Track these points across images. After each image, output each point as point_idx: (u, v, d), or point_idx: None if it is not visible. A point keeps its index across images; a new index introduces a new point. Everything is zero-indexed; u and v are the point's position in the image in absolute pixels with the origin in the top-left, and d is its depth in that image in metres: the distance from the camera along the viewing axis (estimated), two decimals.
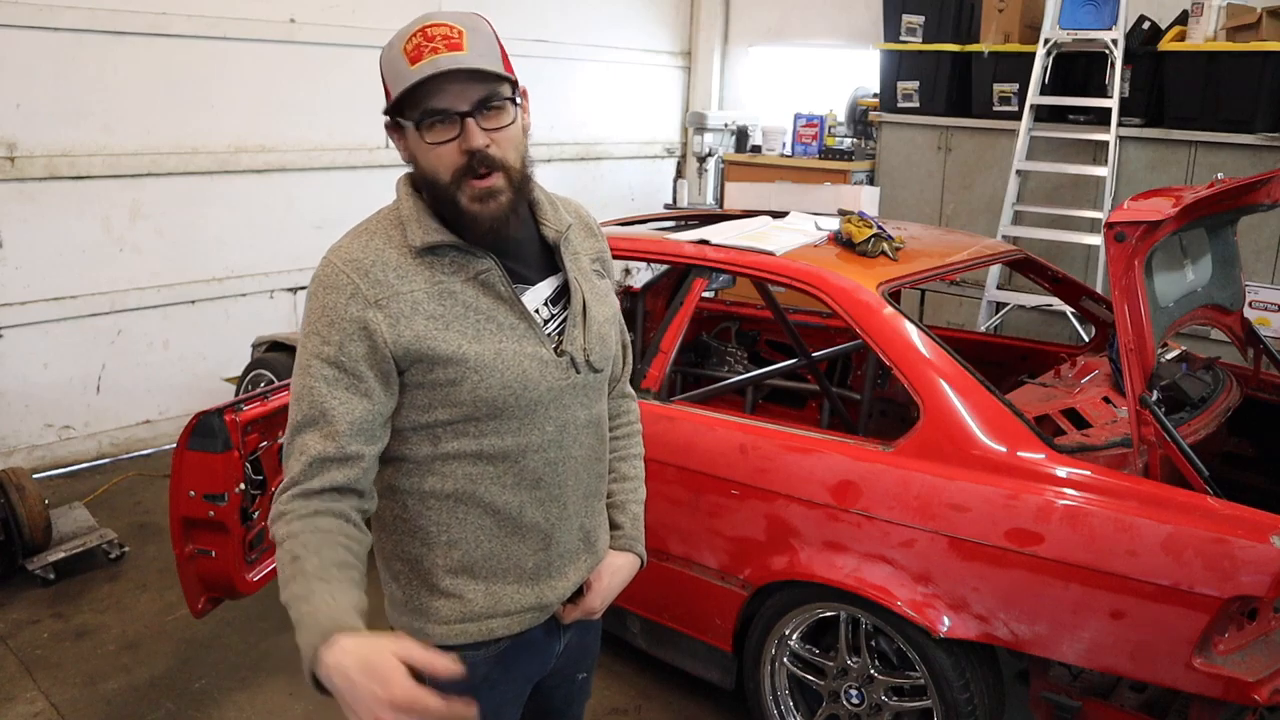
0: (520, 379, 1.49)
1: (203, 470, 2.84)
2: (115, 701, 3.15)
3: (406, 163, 1.52)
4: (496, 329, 1.49)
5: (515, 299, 1.51)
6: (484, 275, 1.50)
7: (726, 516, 2.73)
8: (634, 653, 3.22)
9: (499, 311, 1.50)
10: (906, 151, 6.07)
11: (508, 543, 1.57)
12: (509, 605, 1.58)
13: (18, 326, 4.65)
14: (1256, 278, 4.64)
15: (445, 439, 1.50)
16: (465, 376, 1.46)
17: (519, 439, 1.53)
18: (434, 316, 1.46)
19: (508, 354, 1.49)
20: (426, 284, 1.47)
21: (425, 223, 1.48)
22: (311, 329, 1.46)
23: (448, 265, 1.49)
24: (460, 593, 1.56)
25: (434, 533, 1.55)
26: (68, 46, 4.57)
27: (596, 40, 6.91)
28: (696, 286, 3.00)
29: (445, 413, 1.49)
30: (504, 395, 1.49)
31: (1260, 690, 2.07)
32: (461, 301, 1.48)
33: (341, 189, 5.65)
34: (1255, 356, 3.19)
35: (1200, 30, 4.80)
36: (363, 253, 1.47)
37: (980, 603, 2.34)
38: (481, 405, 1.48)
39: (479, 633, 1.58)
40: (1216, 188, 2.54)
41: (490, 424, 1.50)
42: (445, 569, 1.56)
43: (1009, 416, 2.41)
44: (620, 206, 7.15)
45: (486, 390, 1.47)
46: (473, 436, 1.50)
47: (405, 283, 1.46)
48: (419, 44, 1.42)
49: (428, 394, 1.48)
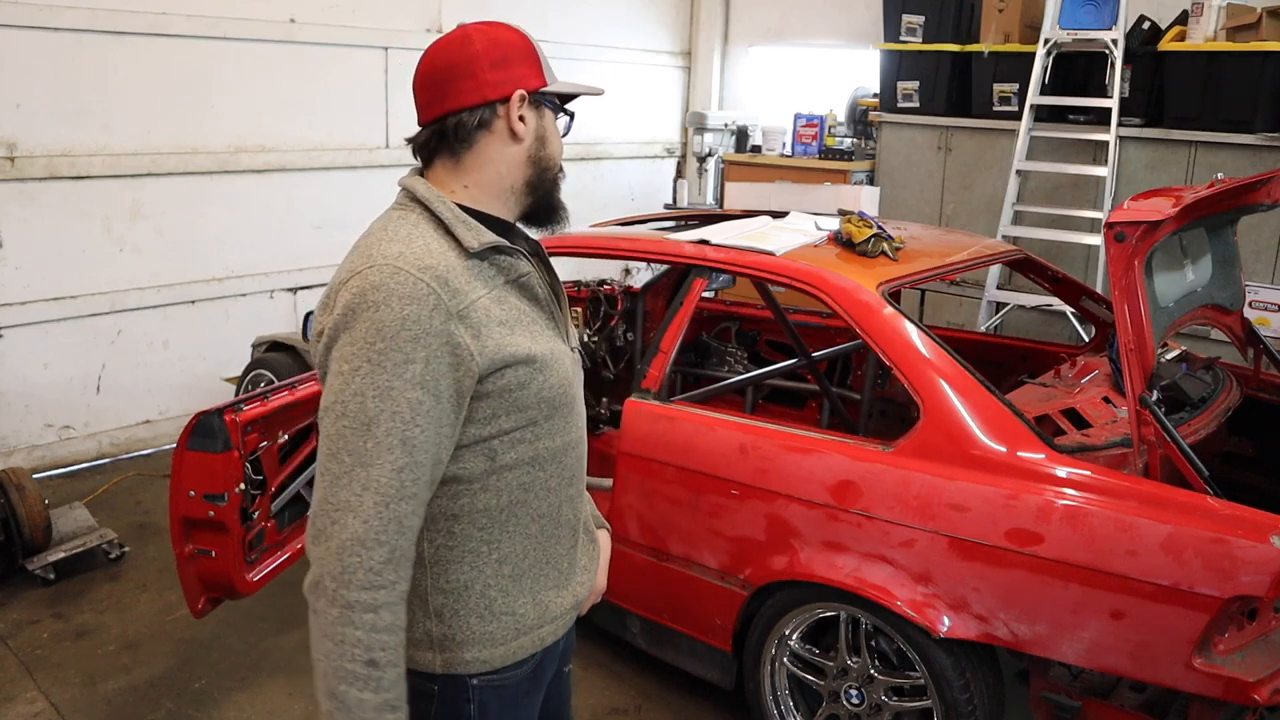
0: (567, 376, 1.53)
1: (203, 470, 2.84)
2: (115, 701, 3.15)
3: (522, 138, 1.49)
4: (541, 329, 1.50)
5: (550, 299, 1.54)
6: (524, 278, 1.49)
7: (726, 516, 2.73)
8: (634, 653, 3.22)
9: (538, 313, 1.51)
10: (906, 151, 6.07)
11: (547, 545, 1.55)
12: (554, 610, 1.56)
13: (18, 326, 4.65)
14: (1256, 278, 4.64)
15: (502, 450, 1.45)
16: (533, 378, 1.44)
17: (565, 436, 1.54)
18: (503, 322, 1.42)
19: (557, 353, 1.51)
20: (486, 289, 1.42)
21: (473, 224, 1.44)
22: (387, 345, 1.30)
23: (491, 269, 1.45)
24: (512, 609, 1.50)
25: (484, 552, 1.48)
26: (68, 46, 4.57)
27: (596, 40, 6.90)
28: (696, 286, 3.00)
29: (510, 420, 1.44)
30: (559, 393, 1.49)
31: (1260, 690, 2.07)
32: (513, 304, 1.46)
33: (341, 189, 5.65)
34: (1255, 356, 3.19)
35: (1200, 30, 4.80)
36: (431, 259, 1.36)
37: (980, 603, 2.34)
38: (544, 405, 1.47)
39: (532, 645, 1.53)
40: (1216, 188, 2.54)
41: (546, 425, 1.49)
42: (498, 588, 1.49)
43: (1009, 416, 2.41)
44: (620, 206, 7.15)
45: (550, 390, 1.47)
46: (529, 442, 1.47)
47: (474, 290, 1.39)
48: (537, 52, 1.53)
49: (494, 403, 1.41)
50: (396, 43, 5.66)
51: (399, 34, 5.65)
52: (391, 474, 1.30)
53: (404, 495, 1.32)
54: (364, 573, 1.29)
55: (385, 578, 1.31)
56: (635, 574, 2.98)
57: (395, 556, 1.32)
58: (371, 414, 1.30)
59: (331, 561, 1.30)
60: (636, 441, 2.86)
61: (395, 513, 1.31)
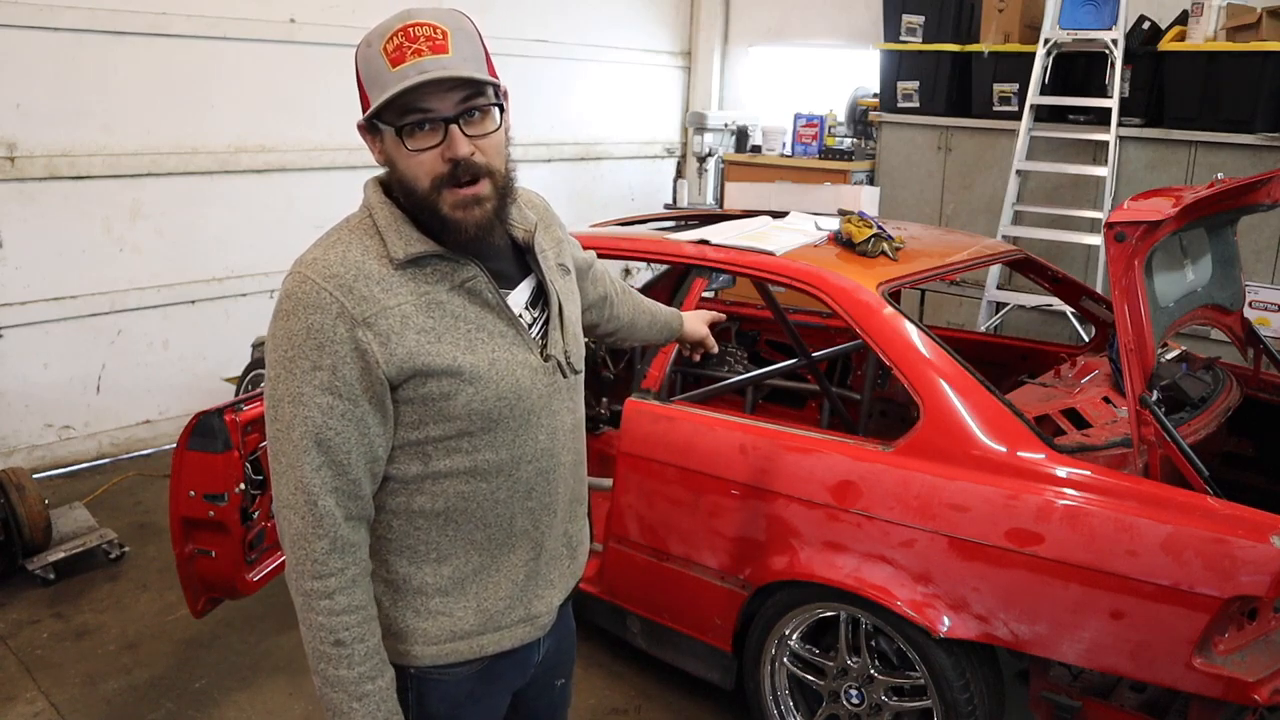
0: (514, 388, 1.45)
1: (203, 470, 2.84)
2: (115, 701, 3.15)
3: (381, 166, 1.45)
4: (488, 338, 1.44)
5: (503, 305, 1.46)
6: (470, 283, 1.44)
7: (726, 516, 2.73)
8: (634, 653, 3.22)
9: (488, 319, 1.45)
10: (906, 151, 6.07)
11: (498, 555, 1.53)
12: (500, 620, 1.54)
13: (18, 326, 4.65)
14: (1256, 278, 4.64)
15: (436, 457, 1.44)
16: (460, 390, 1.40)
17: (513, 450, 1.48)
18: (425, 330, 1.38)
19: (501, 363, 1.44)
20: (413, 296, 1.39)
21: (405, 232, 1.40)
22: (295, 353, 1.34)
23: (431, 275, 1.41)
24: (449, 610, 1.50)
25: (422, 551, 1.49)
26: (68, 46, 4.57)
27: (596, 40, 6.90)
28: (696, 286, 3.00)
29: (438, 428, 1.42)
30: (499, 407, 1.44)
31: (1260, 690, 2.07)
32: (450, 312, 1.41)
33: (341, 189, 5.61)
34: (1255, 356, 3.19)
35: (1200, 30, 4.80)
36: (341, 266, 1.37)
37: (980, 603, 2.34)
38: (476, 418, 1.43)
39: (469, 650, 1.53)
40: (1216, 188, 2.54)
41: (484, 437, 1.45)
42: (435, 588, 1.50)
43: (1009, 416, 2.41)
44: (620, 206, 7.15)
45: (482, 403, 1.42)
46: (465, 453, 1.44)
47: (391, 296, 1.37)
48: (400, 44, 1.33)
49: (419, 410, 1.41)
50: None
51: None
52: (312, 473, 1.36)
53: (329, 490, 1.37)
54: (311, 564, 1.38)
55: (331, 565, 1.39)
56: (635, 574, 2.98)
57: (338, 545, 1.39)
58: (288, 419, 1.36)
59: (288, 555, 1.41)
60: (636, 441, 2.86)
61: (325, 507, 1.37)
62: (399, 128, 1.36)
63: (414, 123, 1.35)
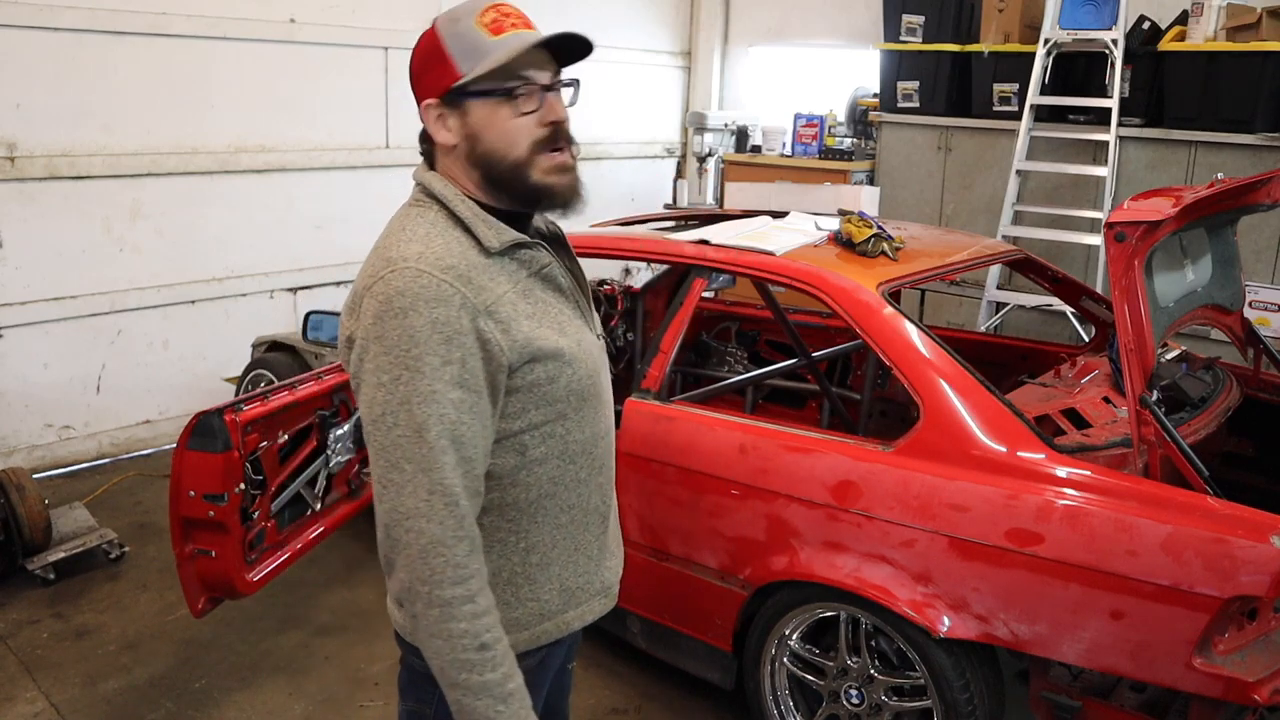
0: (595, 367, 1.52)
1: (203, 470, 2.84)
2: (115, 701, 3.15)
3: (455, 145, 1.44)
4: (569, 320, 1.49)
5: (575, 289, 1.53)
6: (546, 270, 1.49)
7: (726, 516, 2.73)
8: (634, 653, 3.21)
9: (564, 304, 1.51)
10: (906, 151, 6.07)
11: (576, 533, 1.56)
12: (580, 596, 1.57)
13: (18, 326, 4.65)
14: (1256, 278, 4.64)
15: (533, 445, 1.46)
16: (561, 371, 1.44)
17: (594, 427, 1.53)
18: (530, 316, 1.42)
19: (585, 343, 1.50)
20: (511, 284, 1.42)
21: (492, 222, 1.43)
22: (422, 350, 1.31)
23: (514, 263, 1.45)
24: (536, 595, 1.53)
25: (512, 542, 1.50)
26: (68, 46, 4.56)
27: (596, 40, 6.88)
28: (696, 286, 2.99)
29: (539, 414, 1.45)
30: (588, 385, 1.49)
31: (1260, 690, 2.07)
32: (539, 298, 1.46)
33: (341, 189, 5.65)
34: (1255, 356, 3.19)
35: (1200, 30, 4.80)
36: (452, 258, 1.37)
37: (980, 603, 2.34)
38: (573, 398, 1.47)
39: (556, 630, 1.56)
40: (1216, 188, 2.54)
41: (575, 418, 1.49)
42: (524, 576, 1.52)
43: (1009, 416, 2.41)
44: (620, 206, 7.14)
45: (578, 382, 1.47)
46: (559, 437, 1.48)
47: (499, 285, 1.40)
48: (497, 19, 1.39)
49: (524, 397, 1.43)
50: (396, 43, 5.65)
51: (399, 34, 5.64)
52: (452, 474, 1.33)
53: (467, 491, 1.36)
54: (451, 569, 1.34)
55: (471, 568, 1.36)
56: (635, 574, 2.96)
57: (475, 546, 1.37)
58: (420, 420, 1.31)
59: (419, 567, 1.34)
60: (636, 441, 2.86)
61: (463, 509, 1.36)
62: (508, 90, 1.38)
63: (518, 87, 1.39)
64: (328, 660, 3.37)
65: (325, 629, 3.55)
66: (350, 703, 3.15)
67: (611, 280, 4.33)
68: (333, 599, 3.74)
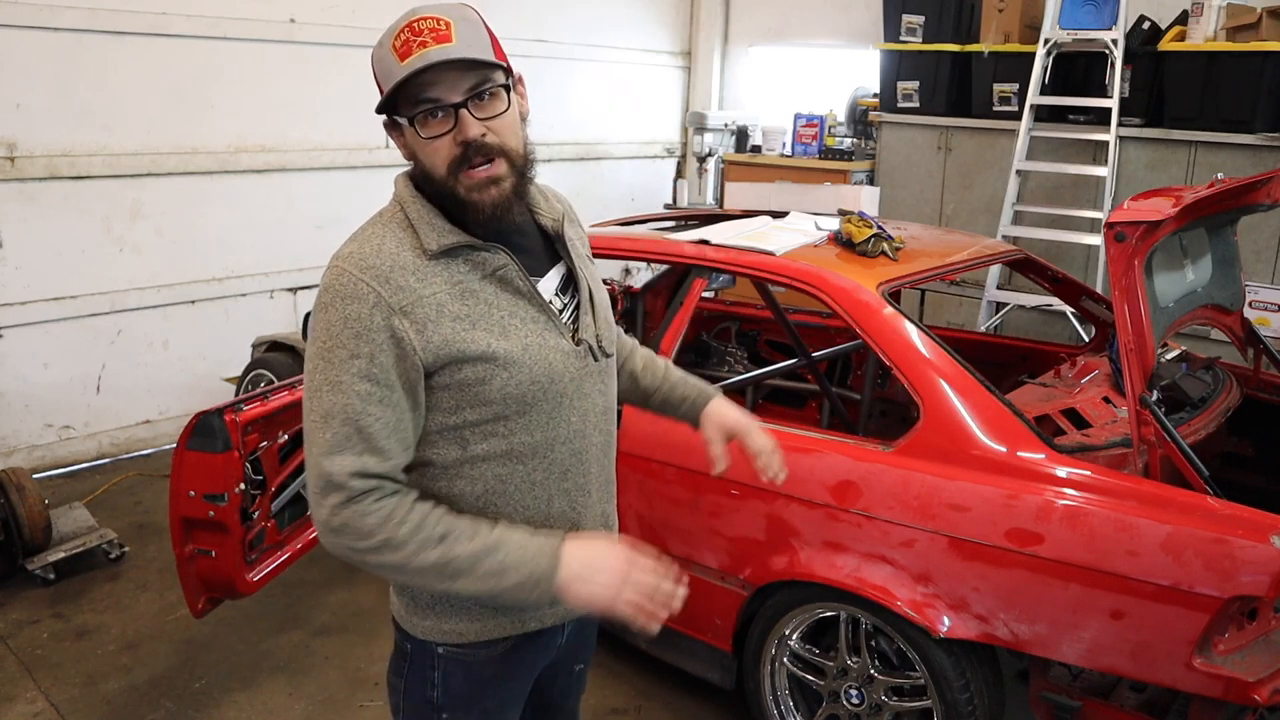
0: (547, 372, 1.50)
1: (203, 470, 2.84)
2: (115, 701, 3.15)
3: (407, 160, 1.51)
4: (520, 324, 1.49)
5: (534, 292, 1.52)
6: (501, 271, 1.49)
7: (726, 516, 2.73)
8: (634, 653, 3.22)
9: (520, 306, 1.50)
10: (906, 151, 6.07)
11: None
12: None
13: (18, 326, 4.65)
14: (1256, 278, 4.64)
15: (474, 441, 1.48)
16: (494, 374, 1.45)
17: (547, 433, 1.53)
18: (460, 317, 1.44)
19: (534, 348, 1.49)
20: (447, 285, 1.44)
21: (436, 224, 1.46)
22: (334, 342, 1.40)
23: (464, 265, 1.47)
24: None
25: None
26: (68, 46, 4.57)
27: (596, 40, 6.91)
28: (696, 286, 2.99)
29: (474, 413, 1.47)
30: (533, 390, 1.48)
31: (1260, 690, 2.07)
32: (483, 299, 1.46)
33: (341, 189, 5.65)
34: (1255, 356, 3.19)
35: (1200, 30, 4.80)
36: (376, 258, 1.43)
37: (980, 603, 2.34)
38: (511, 402, 1.47)
39: (506, 628, 1.58)
40: (1216, 188, 2.54)
41: (519, 420, 1.49)
42: None
43: (1009, 416, 2.41)
44: (620, 206, 7.15)
45: (516, 386, 1.47)
46: (502, 436, 1.49)
47: (426, 286, 1.43)
48: (407, 39, 1.40)
49: (455, 395, 1.46)
50: None
51: None
52: (354, 459, 1.39)
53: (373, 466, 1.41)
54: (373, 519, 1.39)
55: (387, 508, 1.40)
56: None
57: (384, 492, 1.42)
58: (327, 406, 1.40)
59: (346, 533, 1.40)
60: (636, 441, 2.86)
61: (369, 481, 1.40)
62: (412, 118, 1.42)
63: (425, 111, 1.41)
64: (328, 660, 3.37)
65: (325, 629, 3.55)
66: (350, 703, 3.15)
67: (611, 280, 4.33)
68: (333, 599, 3.74)
